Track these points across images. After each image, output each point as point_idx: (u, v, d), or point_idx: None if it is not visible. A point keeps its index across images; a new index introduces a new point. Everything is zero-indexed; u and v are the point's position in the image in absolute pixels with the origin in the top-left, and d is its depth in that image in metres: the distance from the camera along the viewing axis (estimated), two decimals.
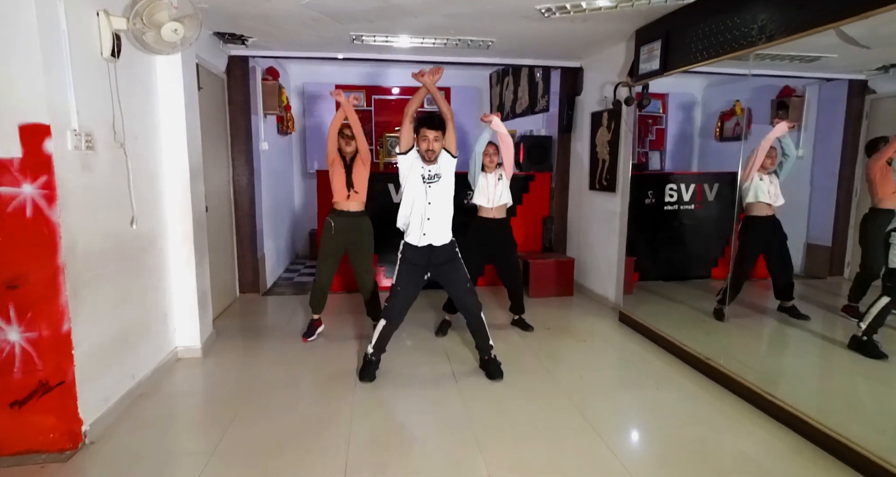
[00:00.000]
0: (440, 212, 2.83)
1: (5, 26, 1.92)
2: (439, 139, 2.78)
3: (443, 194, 2.84)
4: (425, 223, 2.81)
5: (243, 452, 2.19)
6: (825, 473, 2.05)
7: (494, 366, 2.97)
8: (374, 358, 2.94)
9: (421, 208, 2.82)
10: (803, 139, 4.81)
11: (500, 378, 2.92)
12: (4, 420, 2.10)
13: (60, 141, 2.07)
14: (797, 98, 4.77)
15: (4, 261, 2.03)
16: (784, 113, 4.80)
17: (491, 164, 3.57)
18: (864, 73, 4.35)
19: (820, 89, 4.71)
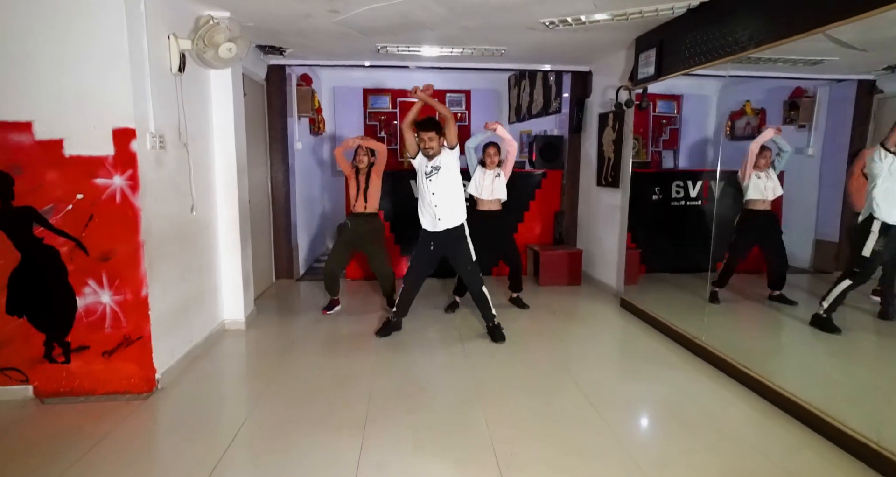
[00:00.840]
0: (446, 198, 3.30)
1: (105, 51, 2.43)
2: (434, 139, 3.27)
3: (445, 183, 3.30)
4: (436, 210, 3.29)
5: (282, 400, 2.65)
6: (766, 419, 2.39)
7: (498, 331, 3.45)
8: (394, 319, 3.55)
9: (428, 199, 3.31)
10: (813, 138, 5.04)
11: (502, 341, 3.40)
12: (98, 366, 2.61)
13: (142, 142, 2.57)
14: (807, 98, 4.99)
15: (99, 238, 2.54)
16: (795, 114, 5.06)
17: (491, 163, 4.01)
18: (871, 73, 4.57)
19: (830, 90, 4.93)
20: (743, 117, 5.70)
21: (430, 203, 3.31)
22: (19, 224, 2.47)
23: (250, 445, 2.24)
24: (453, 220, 3.33)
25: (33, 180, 2.46)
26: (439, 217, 3.30)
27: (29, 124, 2.42)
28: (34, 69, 2.40)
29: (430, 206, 3.31)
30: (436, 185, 3.30)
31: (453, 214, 3.32)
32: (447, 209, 3.30)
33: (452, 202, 3.32)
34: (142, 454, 2.20)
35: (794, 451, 2.19)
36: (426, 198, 3.33)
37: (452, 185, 3.33)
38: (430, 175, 3.31)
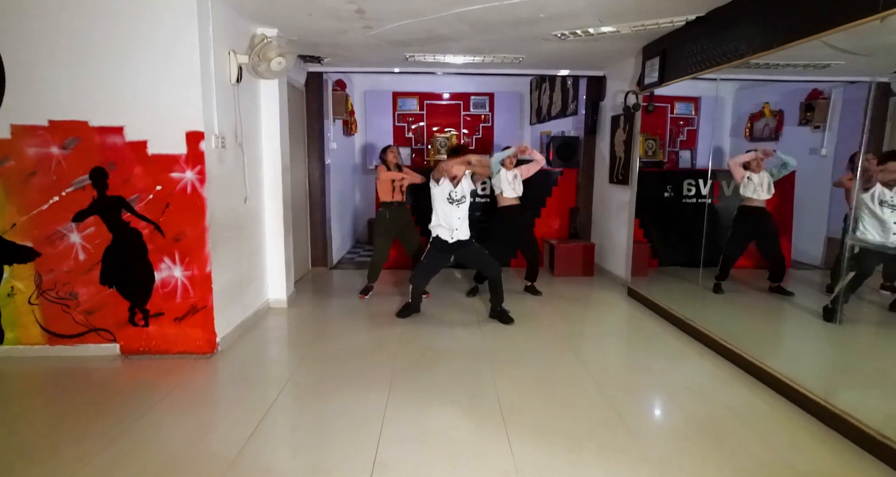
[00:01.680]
0: (465, 221, 3.86)
1: (181, 67, 2.93)
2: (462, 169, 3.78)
3: (466, 209, 3.86)
4: (455, 232, 3.81)
5: (321, 362, 3.12)
6: (745, 389, 2.73)
7: (504, 314, 3.86)
8: (413, 302, 3.99)
9: (453, 221, 3.79)
10: (827, 139, 5.26)
11: (511, 323, 3.80)
12: (171, 329, 3.13)
13: (208, 142, 3.07)
14: (823, 100, 5.21)
15: (174, 222, 3.05)
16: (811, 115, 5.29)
17: (510, 164, 4.43)
18: (886, 75, 4.77)
19: (844, 91, 5.13)
20: (762, 119, 5.93)
21: (451, 223, 3.79)
22: (112, 210, 3.01)
23: (295, 395, 2.70)
24: (464, 233, 3.85)
25: (123, 174, 2.99)
26: (456, 228, 3.81)
27: (121, 128, 2.95)
28: (125, 84, 2.92)
29: (450, 224, 3.80)
30: (462, 211, 3.82)
31: (465, 230, 3.86)
32: (463, 228, 3.85)
33: (465, 220, 3.87)
34: (207, 400, 2.70)
35: (757, 409, 2.53)
36: (450, 218, 3.79)
37: (467, 207, 3.89)
38: (460, 202, 3.81)
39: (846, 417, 2.27)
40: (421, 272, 3.94)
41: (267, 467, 2.04)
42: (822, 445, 2.23)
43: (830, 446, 2.22)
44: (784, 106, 5.68)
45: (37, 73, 2.87)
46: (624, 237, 5.04)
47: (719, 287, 4.42)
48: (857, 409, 2.28)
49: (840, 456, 2.14)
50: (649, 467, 2.05)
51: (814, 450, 2.19)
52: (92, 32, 2.86)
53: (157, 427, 2.36)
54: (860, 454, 2.15)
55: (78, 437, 2.25)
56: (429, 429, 2.35)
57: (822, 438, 2.29)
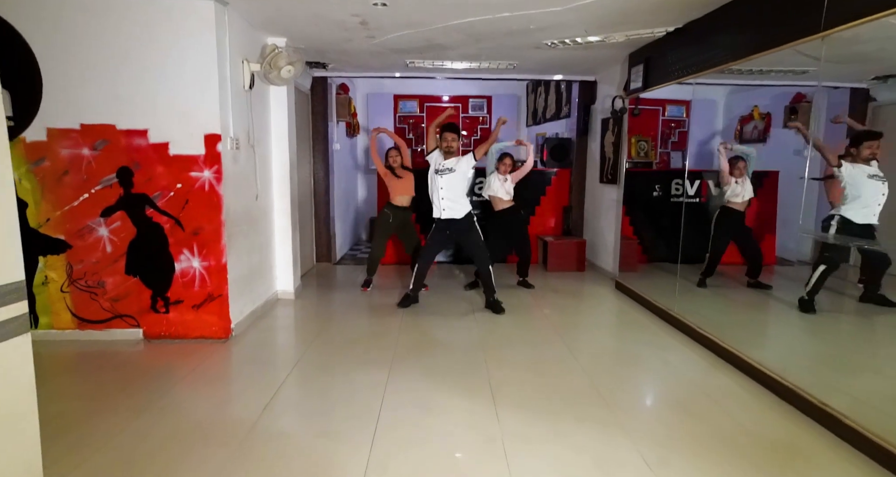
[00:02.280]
0: (451, 194, 3.98)
1: (200, 75, 3.21)
2: (455, 140, 3.98)
3: (454, 183, 3.98)
4: (441, 202, 3.98)
5: (327, 346, 3.39)
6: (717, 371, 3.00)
7: (497, 305, 4.11)
8: (412, 294, 4.23)
9: (437, 192, 3.98)
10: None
11: (502, 313, 4.07)
12: (190, 316, 3.41)
13: (224, 144, 3.35)
14: (806, 103, 5.47)
15: (192, 217, 3.33)
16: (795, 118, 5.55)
17: (504, 170, 4.73)
18: (864, 82, 5.03)
19: (827, 96, 5.39)
20: (752, 121, 6.20)
21: (438, 196, 3.99)
22: (137, 206, 3.28)
23: (305, 373, 2.98)
24: (456, 212, 4.00)
25: (147, 173, 3.27)
26: (443, 208, 3.99)
27: (145, 131, 3.23)
28: (149, 90, 3.20)
29: (437, 198, 4.00)
30: (445, 182, 3.97)
31: (456, 208, 4.00)
32: (453, 203, 3.99)
33: (456, 199, 4.01)
34: (225, 378, 2.97)
35: (726, 387, 2.80)
36: (436, 190, 4.01)
37: (459, 185, 4.02)
38: (443, 173, 3.97)
39: (797, 390, 2.54)
40: (423, 254, 4.19)
41: (282, 432, 2.32)
42: (777, 414, 2.50)
43: (785, 416, 2.49)
44: (772, 109, 5.94)
45: (70, 80, 3.15)
46: (613, 234, 5.31)
47: (704, 282, 4.69)
48: (810, 384, 2.55)
49: (792, 423, 2.41)
50: (621, 434, 2.32)
51: (770, 419, 2.46)
52: (120, 43, 3.14)
53: (181, 400, 2.64)
54: (809, 423, 2.42)
55: (111, 408, 2.53)
56: (425, 401, 2.63)
57: (780, 410, 2.56)
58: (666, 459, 2.12)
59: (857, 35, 2.57)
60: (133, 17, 3.13)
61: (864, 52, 3.81)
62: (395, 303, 4.31)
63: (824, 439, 2.28)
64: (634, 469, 2.05)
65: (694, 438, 2.29)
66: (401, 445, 2.21)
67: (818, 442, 2.26)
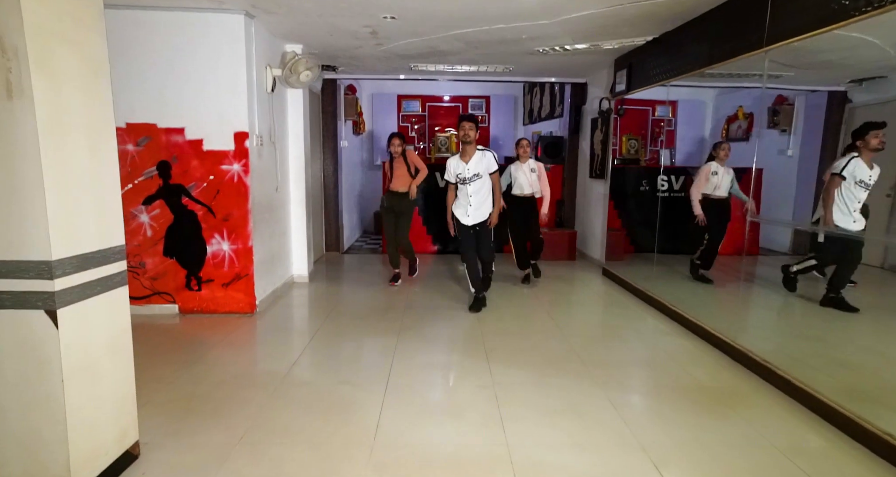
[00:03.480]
0: (481, 197, 3.97)
1: (231, 80, 3.65)
2: (473, 129, 3.84)
3: (481, 186, 3.94)
4: (469, 208, 3.97)
5: (342, 320, 3.84)
6: (682, 338, 3.45)
7: (478, 303, 4.08)
8: (478, 295, 4.10)
9: (465, 199, 3.97)
10: (792, 141, 5.96)
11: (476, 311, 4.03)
12: (220, 293, 3.86)
13: (251, 141, 3.78)
14: (788, 105, 5.89)
15: (223, 205, 3.77)
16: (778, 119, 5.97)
17: (524, 155, 4.71)
18: (841, 85, 5.44)
19: (806, 99, 5.80)
20: (737, 121, 6.63)
21: (466, 202, 3.96)
22: (174, 195, 3.72)
23: (324, 339, 3.42)
24: (482, 214, 4.00)
25: (183, 166, 3.70)
26: (469, 214, 3.96)
27: (182, 129, 3.66)
28: (187, 93, 3.63)
29: (465, 204, 3.97)
30: (474, 189, 3.93)
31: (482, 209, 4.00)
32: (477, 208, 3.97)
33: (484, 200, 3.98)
34: (256, 343, 3.42)
35: (688, 351, 3.25)
36: (464, 198, 3.97)
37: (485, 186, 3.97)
38: (472, 181, 3.90)
39: (746, 351, 2.99)
40: (465, 258, 4.09)
41: (309, 381, 2.77)
42: (727, 371, 2.95)
43: (733, 373, 2.93)
44: (755, 110, 6.36)
45: (119, 84, 3.57)
46: (601, 225, 5.75)
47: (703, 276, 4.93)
48: (756, 346, 3.00)
49: (738, 377, 2.86)
50: (591, 383, 2.77)
51: (721, 375, 2.91)
52: (165, 53, 3.58)
53: (220, 358, 3.09)
54: (751, 376, 2.86)
55: (163, 362, 2.98)
56: (429, 359, 3.07)
57: (730, 368, 3.00)
58: (629, 401, 2.56)
59: (805, 47, 2.99)
60: (176, 31, 3.56)
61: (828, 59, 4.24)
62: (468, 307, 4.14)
63: (764, 389, 2.73)
64: (602, 410, 2.49)
65: (654, 387, 2.74)
66: (409, 389, 2.66)
67: (757, 390, 2.71)
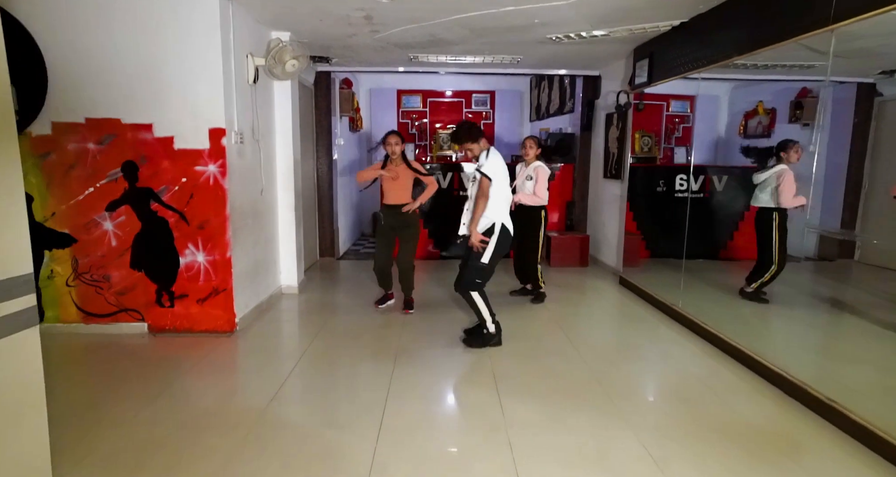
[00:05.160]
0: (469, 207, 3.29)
1: (205, 69, 3.22)
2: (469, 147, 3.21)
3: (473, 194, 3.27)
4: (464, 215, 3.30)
5: (332, 339, 3.41)
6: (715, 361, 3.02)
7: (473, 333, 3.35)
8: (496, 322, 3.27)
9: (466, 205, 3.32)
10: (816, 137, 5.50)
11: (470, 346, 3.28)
12: (195, 310, 3.43)
13: (229, 138, 3.36)
14: (812, 98, 5.44)
15: (197, 211, 3.35)
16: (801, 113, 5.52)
17: (526, 155, 4.19)
18: (871, 76, 5.00)
19: (833, 91, 5.35)
20: (756, 116, 6.19)
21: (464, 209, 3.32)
22: (142, 200, 3.30)
23: (310, 365, 3.00)
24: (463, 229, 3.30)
25: (152, 167, 3.28)
26: (465, 222, 3.28)
27: (150, 125, 3.24)
28: (154, 84, 3.21)
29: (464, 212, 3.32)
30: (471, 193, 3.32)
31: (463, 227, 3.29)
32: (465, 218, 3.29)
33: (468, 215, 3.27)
34: (232, 369, 3.00)
35: (722, 377, 2.82)
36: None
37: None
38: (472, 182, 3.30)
39: (801, 384, 2.56)
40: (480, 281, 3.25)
41: (289, 422, 2.34)
42: (778, 406, 2.51)
43: (785, 409, 2.50)
44: (776, 104, 5.92)
45: (76, 74, 3.17)
46: (616, 229, 5.31)
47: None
48: (806, 373, 2.56)
49: (793, 414, 2.43)
50: (619, 421, 2.34)
51: (772, 411, 2.47)
52: (126, 38, 3.15)
53: (189, 390, 2.67)
54: (807, 412, 2.43)
55: (121, 397, 2.56)
56: (430, 391, 2.65)
57: (781, 401, 2.57)
58: (666, 448, 2.13)
59: (861, 30, 2.56)
60: (139, 12, 3.13)
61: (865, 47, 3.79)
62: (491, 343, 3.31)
63: (827, 431, 2.29)
64: (637, 460, 2.06)
65: (694, 427, 2.31)
66: (407, 433, 2.23)
67: (819, 433, 2.28)
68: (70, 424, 2.31)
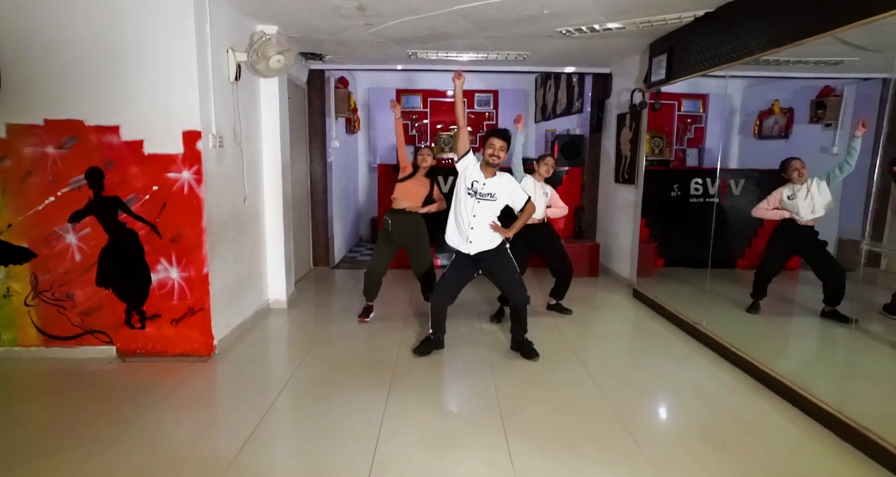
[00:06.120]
0: (485, 225, 3.05)
1: (178, 65, 2.88)
2: (504, 149, 2.99)
3: (490, 212, 3.06)
4: (470, 232, 3.05)
5: (321, 365, 3.07)
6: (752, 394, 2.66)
7: (528, 347, 3.20)
8: (433, 337, 3.26)
9: (464, 218, 3.05)
10: (838, 137, 5.13)
11: (535, 357, 3.13)
12: (168, 331, 3.10)
13: (205, 142, 3.02)
14: (835, 97, 5.08)
15: (170, 223, 3.01)
16: (822, 112, 5.16)
17: (546, 173, 3.85)
18: None
19: (857, 88, 4.99)
20: (771, 116, 5.82)
21: (465, 223, 3.06)
22: (108, 211, 2.97)
23: (294, 397, 2.66)
24: (486, 242, 3.09)
25: (120, 174, 2.94)
26: (471, 240, 3.06)
27: (117, 128, 2.90)
28: (121, 82, 2.88)
29: (465, 225, 3.07)
30: (481, 210, 3.05)
31: (486, 238, 3.08)
32: (480, 234, 3.06)
33: (488, 229, 3.08)
34: (205, 403, 2.66)
35: (763, 414, 2.46)
36: (463, 215, 3.07)
37: (494, 214, 3.09)
38: (482, 198, 3.04)
39: (861, 430, 2.20)
40: (440, 289, 3.20)
41: (264, 471, 2.00)
42: (836, 454, 2.16)
43: (845, 458, 2.15)
44: (794, 103, 5.56)
45: (33, 69, 2.83)
46: (629, 237, 4.96)
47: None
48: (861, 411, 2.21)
49: (856, 467, 2.08)
50: (650, 472, 1.99)
51: (830, 462, 2.12)
52: (87, 30, 2.82)
53: (154, 429, 2.33)
54: (870, 464, 2.08)
55: (77, 438, 2.22)
56: (427, 433, 2.30)
57: (838, 448, 2.22)
58: None
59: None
60: (102, 2, 2.80)
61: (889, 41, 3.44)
62: (412, 348, 3.29)
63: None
64: None
65: (733, 475, 1.96)
66: None
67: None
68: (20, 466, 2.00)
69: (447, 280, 3.19)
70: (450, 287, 3.19)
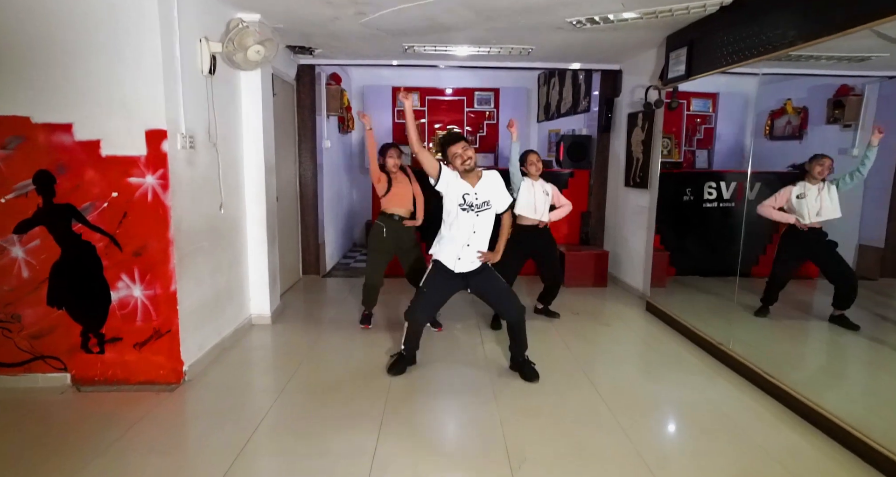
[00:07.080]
0: (483, 237, 2.82)
1: (138, 55, 2.53)
2: (468, 148, 2.73)
3: (489, 221, 2.83)
4: (464, 249, 2.79)
5: (303, 393, 2.72)
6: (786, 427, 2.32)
7: (528, 367, 2.93)
8: (406, 353, 3.02)
9: (463, 234, 2.78)
10: (859, 138, 4.79)
11: (535, 379, 2.87)
12: (131, 357, 2.74)
13: (173, 142, 2.67)
14: (854, 96, 4.76)
15: (132, 234, 2.66)
16: (840, 113, 4.83)
17: (537, 171, 3.70)
18: None
19: (880, 87, 4.66)
20: (783, 116, 5.50)
21: (462, 240, 2.78)
22: (60, 220, 2.61)
23: (272, 433, 2.31)
24: (475, 263, 2.84)
25: (73, 179, 2.59)
26: (460, 257, 2.79)
27: (69, 126, 2.55)
28: (73, 73, 2.52)
29: (461, 242, 2.79)
30: (482, 223, 2.79)
31: (475, 259, 2.84)
32: (476, 250, 2.82)
33: (485, 241, 2.85)
34: (170, 440, 2.30)
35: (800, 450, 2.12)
36: (463, 232, 2.77)
37: (491, 222, 2.85)
38: (480, 210, 2.76)
39: None
40: (419, 305, 2.91)
41: None
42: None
43: None
44: (809, 103, 5.25)
45: None
46: (641, 245, 4.63)
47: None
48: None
49: None
50: None
51: None
52: (35, 15, 2.46)
53: (114, 470, 2.00)
54: None
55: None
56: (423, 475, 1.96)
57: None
58: None
59: None
60: None
61: None
62: (386, 368, 3.01)
63: None
64: None
65: None
66: None
67: None
68: None
69: (428, 298, 2.93)
70: (430, 307, 3.04)
